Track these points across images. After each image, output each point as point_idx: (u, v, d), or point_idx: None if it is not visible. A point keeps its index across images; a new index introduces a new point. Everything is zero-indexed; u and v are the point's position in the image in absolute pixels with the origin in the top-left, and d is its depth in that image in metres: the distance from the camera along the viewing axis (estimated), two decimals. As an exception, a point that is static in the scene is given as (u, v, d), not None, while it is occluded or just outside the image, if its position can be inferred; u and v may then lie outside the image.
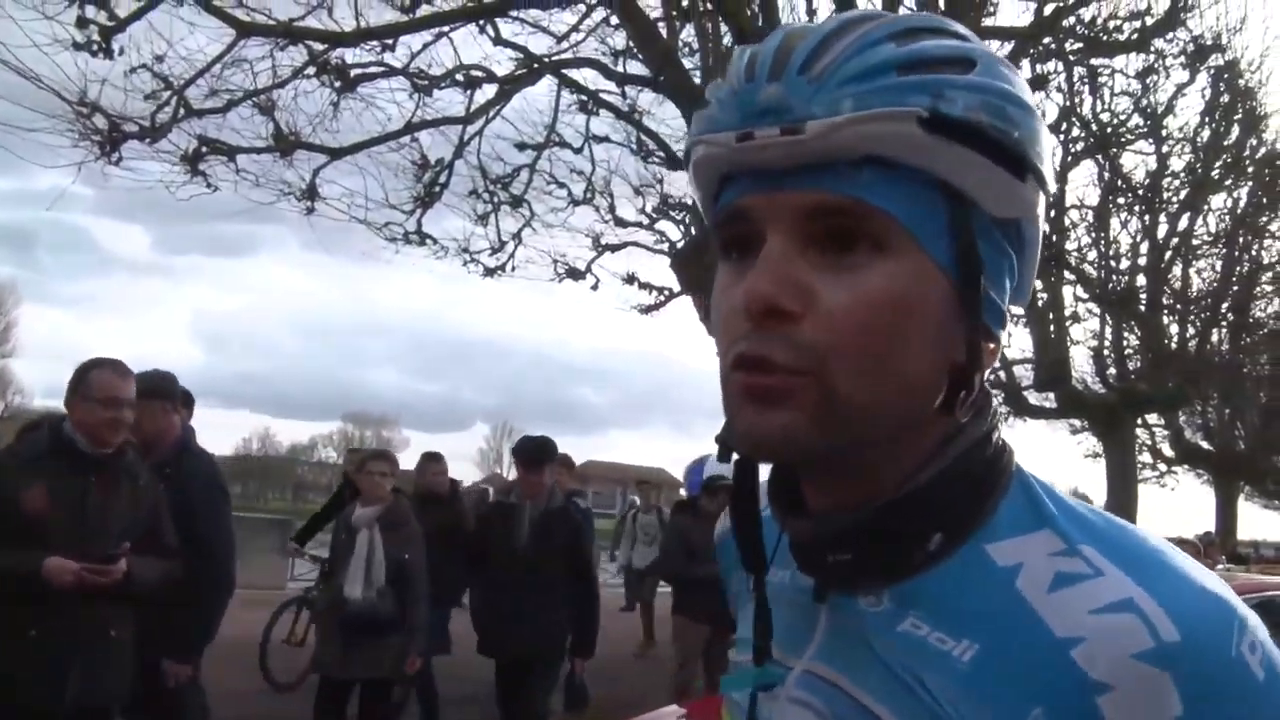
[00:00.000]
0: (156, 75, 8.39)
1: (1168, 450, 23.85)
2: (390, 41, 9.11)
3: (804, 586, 0.74)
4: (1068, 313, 15.55)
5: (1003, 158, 0.65)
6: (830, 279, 0.64)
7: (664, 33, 9.27)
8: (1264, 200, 16.46)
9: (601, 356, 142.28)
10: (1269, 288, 18.09)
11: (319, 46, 8.84)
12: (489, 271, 11.29)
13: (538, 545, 5.12)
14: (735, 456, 0.73)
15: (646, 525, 10.89)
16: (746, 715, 0.76)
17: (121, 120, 8.36)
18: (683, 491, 14.00)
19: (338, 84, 9.08)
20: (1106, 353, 16.87)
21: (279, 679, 7.22)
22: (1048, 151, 0.69)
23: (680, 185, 11.96)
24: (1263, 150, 15.64)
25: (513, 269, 11.48)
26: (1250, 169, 15.61)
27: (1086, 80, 12.75)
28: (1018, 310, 0.81)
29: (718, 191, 0.70)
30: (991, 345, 0.69)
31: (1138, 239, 15.97)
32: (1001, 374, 16.06)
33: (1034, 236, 0.71)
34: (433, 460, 6.43)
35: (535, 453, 5.30)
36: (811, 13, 10.06)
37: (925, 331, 0.65)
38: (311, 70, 8.96)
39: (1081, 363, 17.17)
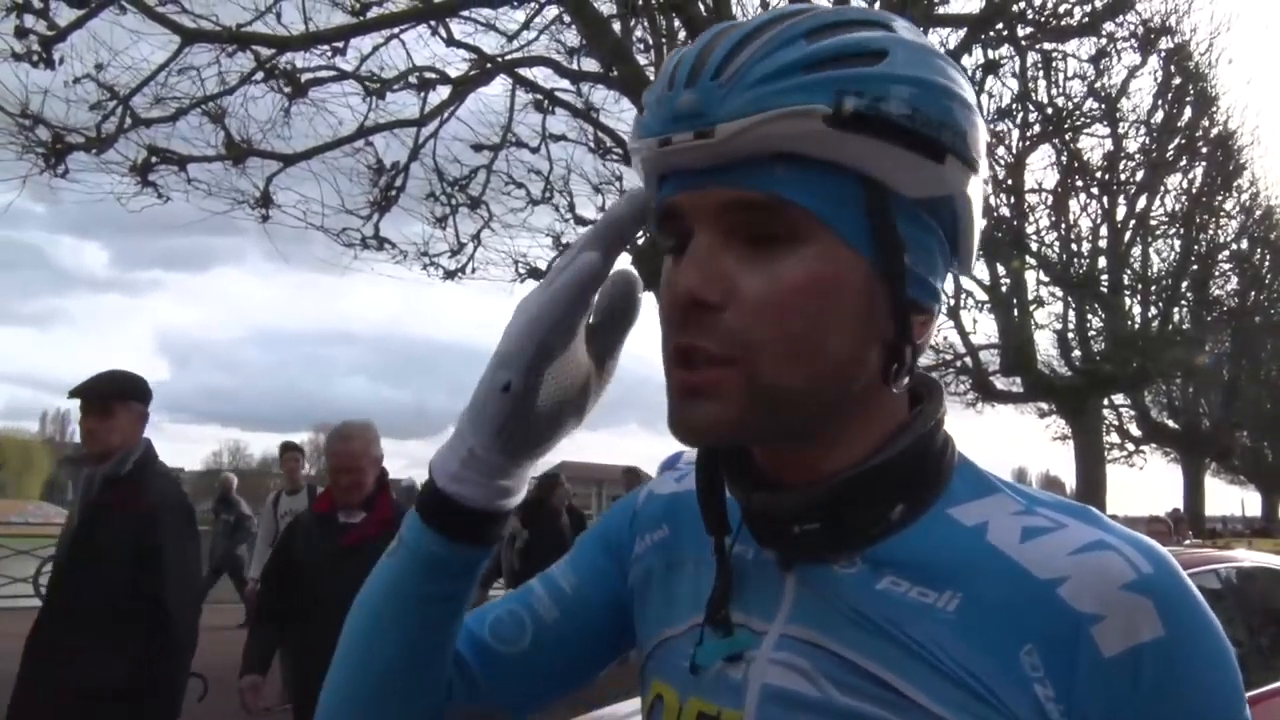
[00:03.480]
0: (101, 85, 8.25)
1: (1135, 430, 24.11)
2: (340, 45, 9.02)
3: (757, 559, 0.76)
4: (1031, 297, 15.66)
5: (913, 143, 0.67)
6: (751, 270, 0.68)
7: (616, 29, 9.23)
8: (1218, 180, 16.70)
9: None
10: (1226, 266, 18.36)
11: (267, 51, 8.74)
12: (449, 274, 11.20)
13: (85, 538, 3.07)
14: None
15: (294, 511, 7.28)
16: (708, 685, 0.75)
17: (66, 131, 8.22)
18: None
19: (288, 89, 8.98)
20: (1070, 335, 17.02)
21: None
22: (973, 127, 0.71)
23: (639, 182, 11.91)
24: (1215, 131, 15.88)
25: (473, 271, 11.40)
26: (1204, 149, 15.83)
27: (1040, 65, 12.84)
28: (969, 281, 0.84)
29: (658, 190, 0.74)
30: (923, 318, 0.72)
31: (1097, 221, 16.13)
32: (968, 359, 16.16)
33: (966, 209, 0.73)
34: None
35: (97, 387, 3.18)
36: (765, 4, 10.08)
37: (845, 312, 0.68)
38: (260, 76, 8.85)
39: (1046, 346, 17.33)
